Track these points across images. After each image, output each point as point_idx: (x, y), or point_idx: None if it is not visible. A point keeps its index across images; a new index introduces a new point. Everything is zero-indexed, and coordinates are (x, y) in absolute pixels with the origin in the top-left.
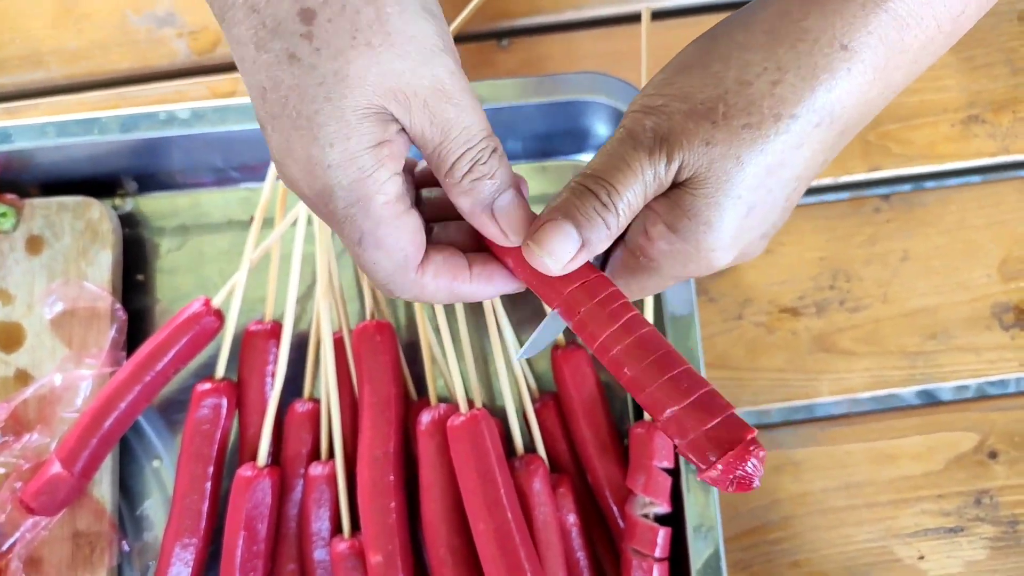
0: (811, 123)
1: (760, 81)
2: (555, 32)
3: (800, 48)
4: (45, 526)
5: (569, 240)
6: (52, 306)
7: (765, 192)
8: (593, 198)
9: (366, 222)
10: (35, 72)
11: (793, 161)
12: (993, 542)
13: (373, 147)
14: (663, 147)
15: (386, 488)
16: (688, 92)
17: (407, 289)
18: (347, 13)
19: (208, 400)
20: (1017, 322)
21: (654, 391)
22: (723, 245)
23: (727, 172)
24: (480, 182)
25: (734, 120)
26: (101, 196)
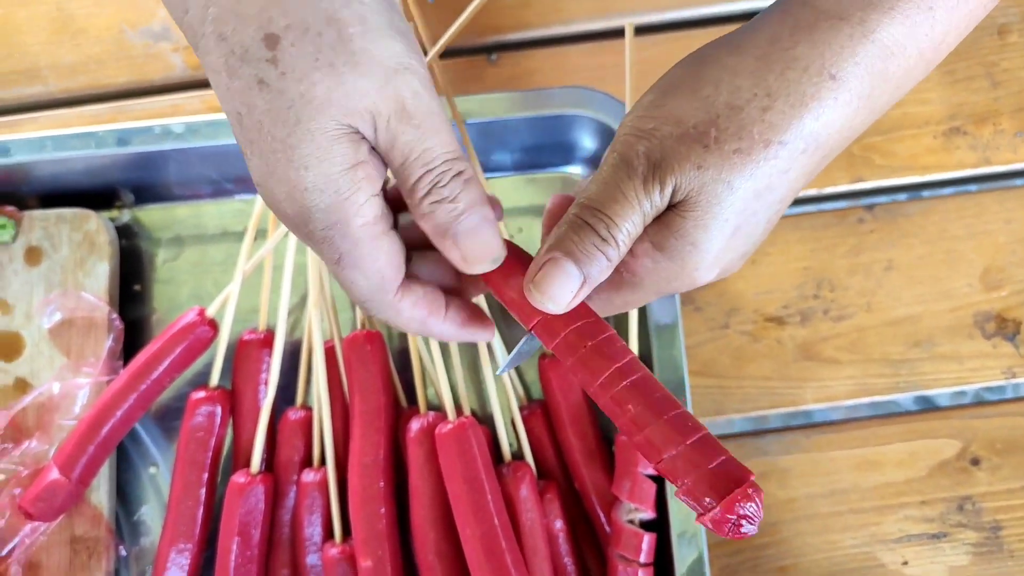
0: (798, 149)
1: (751, 107)
2: (543, 47)
3: (790, 76)
4: (44, 531)
5: (571, 279)
6: (50, 316)
7: (751, 214)
8: (592, 233)
9: (344, 243)
10: (33, 86)
11: (779, 185)
12: (976, 548)
13: (348, 169)
14: (657, 173)
15: (376, 494)
16: (679, 116)
17: (383, 310)
18: (309, 36)
19: (202, 408)
20: (999, 331)
21: (652, 433)
22: (707, 265)
23: (717, 196)
24: (440, 205)
25: (725, 145)
26: (98, 208)
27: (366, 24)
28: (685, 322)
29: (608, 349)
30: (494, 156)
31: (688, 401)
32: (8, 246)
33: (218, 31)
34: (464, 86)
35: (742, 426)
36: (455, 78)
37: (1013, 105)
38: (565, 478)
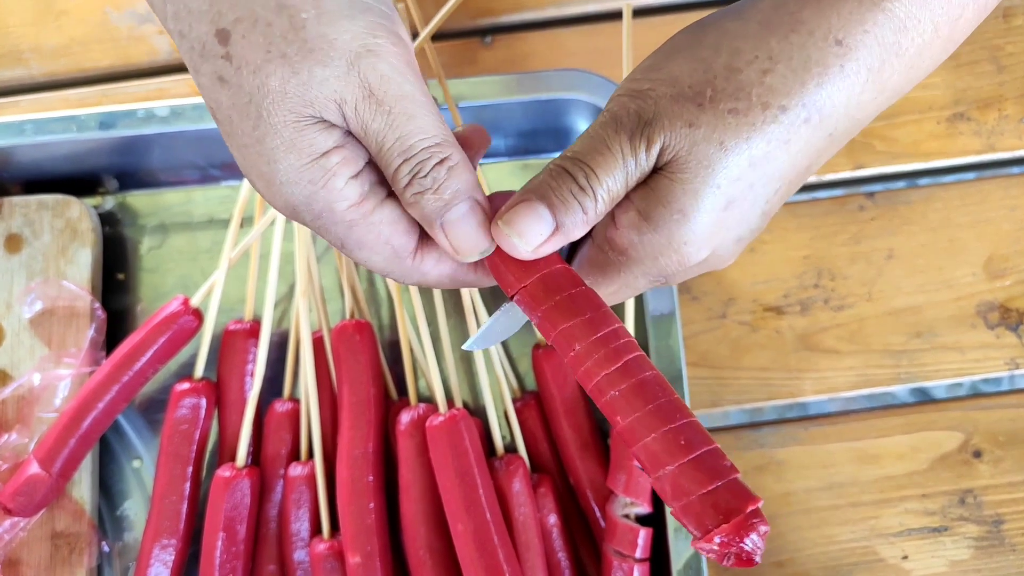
0: (800, 118)
1: (750, 69)
2: (538, 29)
3: (793, 39)
4: (23, 527)
5: (542, 222)
6: (31, 305)
7: (746, 187)
8: (570, 180)
9: (338, 228)
10: (15, 69)
11: (778, 156)
12: (977, 542)
13: (318, 158)
14: (645, 130)
15: (365, 488)
16: (676, 76)
17: (408, 277)
18: (259, 27)
19: (187, 400)
20: (1002, 321)
21: (650, 443)
22: (696, 239)
23: (708, 157)
24: (423, 196)
25: (720, 104)
26: (81, 194)
27: (320, 6)
28: (682, 312)
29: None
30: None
31: (685, 392)
32: None
33: (178, 28)
34: (458, 69)
35: (739, 418)
36: (449, 61)
37: (1018, 90)
38: (559, 471)
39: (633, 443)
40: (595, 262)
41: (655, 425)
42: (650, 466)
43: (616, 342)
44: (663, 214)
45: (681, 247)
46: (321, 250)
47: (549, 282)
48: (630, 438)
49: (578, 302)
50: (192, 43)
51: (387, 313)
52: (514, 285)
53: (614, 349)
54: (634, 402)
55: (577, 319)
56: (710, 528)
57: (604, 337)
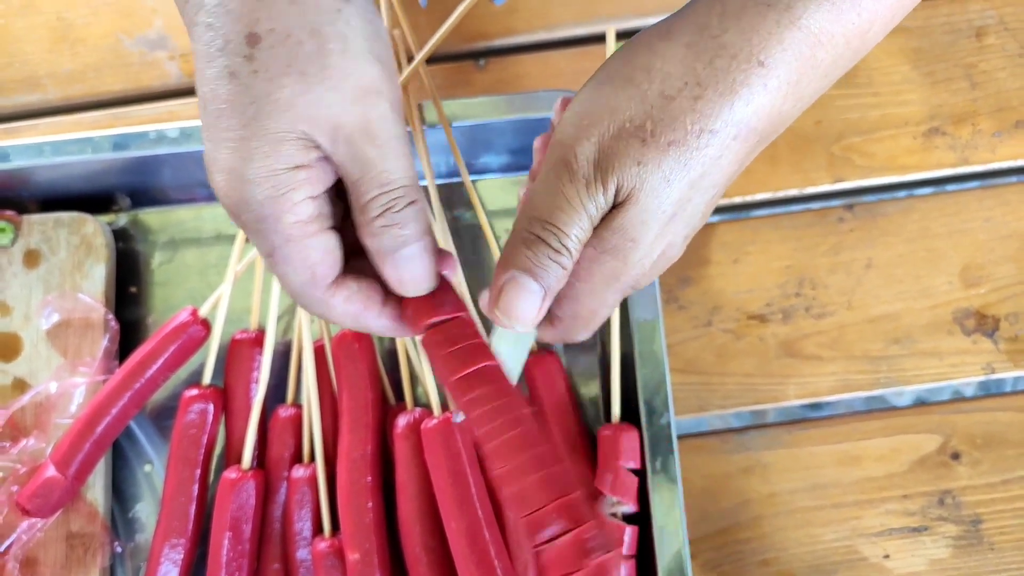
0: (729, 136)
1: (682, 96)
2: (530, 52)
3: (718, 64)
4: (40, 528)
5: (532, 295)
6: (48, 317)
7: (686, 202)
8: (545, 246)
9: (275, 237)
10: (32, 94)
11: (712, 171)
12: (956, 541)
13: (291, 168)
14: (598, 175)
15: (364, 489)
16: (615, 107)
17: (314, 306)
18: (289, 43)
19: (195, 406)
20: (979, 327)
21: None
22: (647, 254)
23: (655, 190)
24: (389, 229)
25: (661, 138)
26: (96, 212)
27: (347, 44)
28: (669, 320)
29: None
30: (480, 159)
31: (670, 398)
32: (7, 249)
33: (208, 21)
34: (452, 91)
35: (725, 422)
36: (443, 83)
37: (991, 106)
38: None
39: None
40: (566, 295)
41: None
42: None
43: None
44: (618, 243)
45: (636, 265)
46: None
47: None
48: (505, 483)
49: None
50: (217, 36)
51: None
52: (420, 328)
53: (501, 405)
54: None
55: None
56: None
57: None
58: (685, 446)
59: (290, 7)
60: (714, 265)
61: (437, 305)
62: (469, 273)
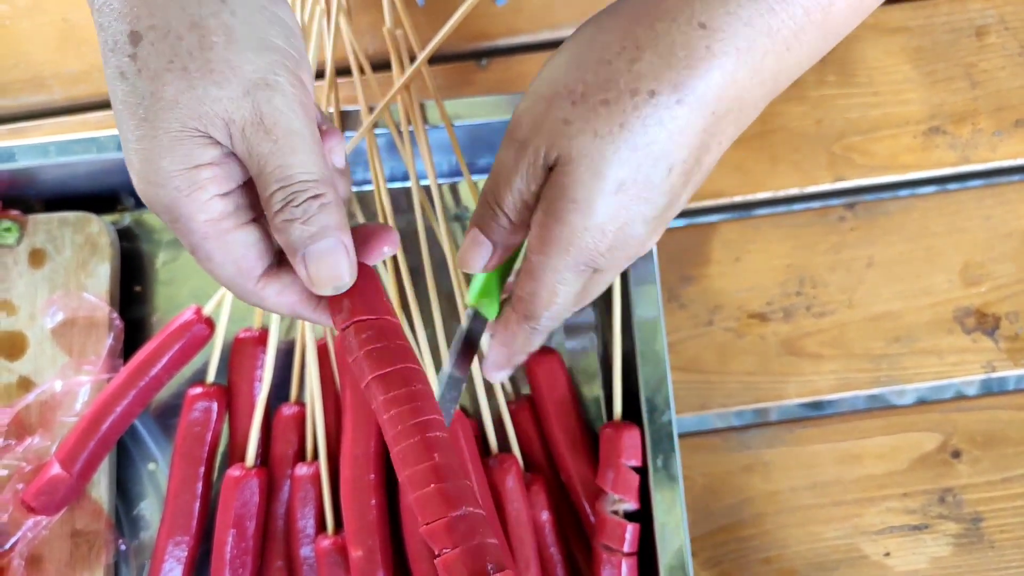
0: (672, 100)
1: (619, 60)
2: (532, 51)
3: (658, 27)
4: (45, 525)
5: (482, 246)
6: (53, 316)
7: (633, 169)
8: (486, 207)
9: (191, 237)
10: (38, 95)
11: (658, 137)
12: (957, 539)
13: (188, 169)
14: (530, 138)
15: (367, 486)
16: (554, 77)
17: (247, 297)
18: (169, 39)
19: (199, 404)
20: (979, 325)
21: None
22: (594, 224)
23: (586, 148)
24: (291, 224)
25: (591, 97)
26: (100, 211)
27: (231, 35)
28: (670, 319)
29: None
30: (482, 158)
31: (671, 396)
32: (13, 248)
33: (99, 21)
34: (455, 90)
35: (726, 421)
36: (445, 83)
37: (991, 105)
38: (552, 471)
39: (413, 491)
40: (525, 270)
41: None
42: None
43: (416, 401)
44: (561, 206)
45: (582, 233)
46: None
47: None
48: (412, 486)
49: (395, 354)
50: (107, 37)
51: None
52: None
53: (412, 408)
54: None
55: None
56: None
57: (409, 394)
58: (686, 444)
59: (170, 2)
60: (715, 264)
61: (360, 306)
62: None
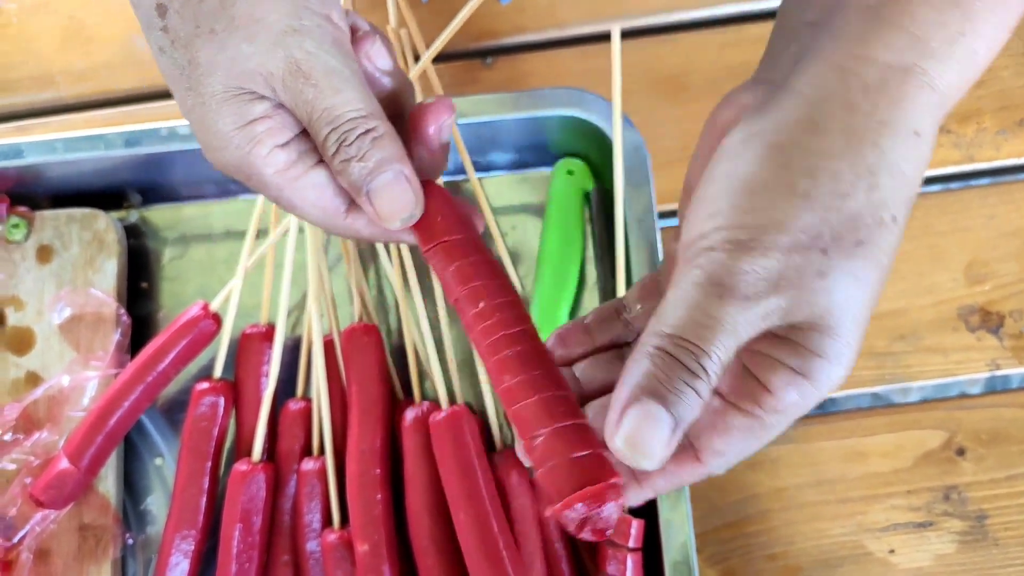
0: (906, 216)
1: (857, 191)
2: (538, 50)
3: (884, 145)
4: (53, 519)
5: (661, 426)
6: (61, 312)
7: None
8: (679, 367)
9: (269, 191)
10: (45, 92)
11: (892, 259)
12: (961, 536)
13: (242, 127)
14: (767, 294)
15: (373, 481)
16: (780, 220)
17: (344, 235)
18: (191, 4)
19: (206, 399)
20: (983, 324)
21: (525, 407)
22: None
23: (849, 298)
24: (348, 164)
25: (843, 242)
26: (108, 208)
27: None
28: None
29: (503, 313)
30: (488, 156)
31: None
32: (21, 245)
33: (133, 2)
34: (460, 89)
35: None
36: (451, 81)
37: (995, 104)
38: None
39: (510, 405)
40: (735, 426)
41: (533, 391)
42: (523, 429)
43: (516, 310)
44: (821, 367)
45: (826, 384)
46: (333, 260)
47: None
48: (508, 399)
49: (484, 268)
50: (141, 15)
51: (394, 319)
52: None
53: (513, 316)
54: (519, 367)
55: (482, 281)
56: (567, 492)
57: (507, 303)
58: None
59: None
60: None
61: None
62: None
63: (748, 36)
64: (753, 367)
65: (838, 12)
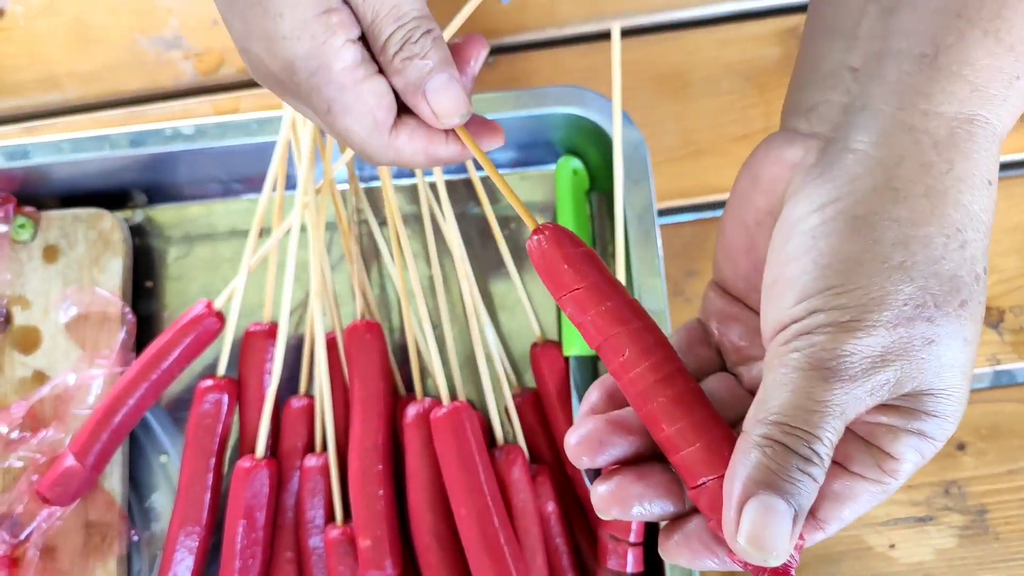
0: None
1: (950, 252)
2: (539, 49)
3: (964, 201)
4: (60, 516)
5: (783, 519)
6: (67, 311)
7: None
8: (791, 454)
9: (330, 89)
10: (51, 93)
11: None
12: (961, 531)
13: (321, 14)
14: (873, 372)
15: (375, 477)
16: (881, 296)
17: (383, 153)
18: None
19: (210, 396)
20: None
21: (689, 455)
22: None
23: (957, 358)
24: (411, 61)
25: (947, 306)
26: (113, 208)
27: None
28: (675, 313)
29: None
30: (489, 154)
31: None
32: (27, 244)
33: None
34: None
35: None
36: None
37: None
38: (557, 463)
39: (673, 453)
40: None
41: (695, 438)
42: (688, 477)
43: (661, 352)
44: (939, 425)
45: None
46: (336, 260)
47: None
48: (670, 449)
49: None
50: None
51: (396, 317)
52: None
53: (659, 359)
54: (676, 415)
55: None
56: None
57: (649, 347)
58: None
59: None
60: None
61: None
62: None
63: (747, 34)
64: (870, 437)
65: (888, 60)
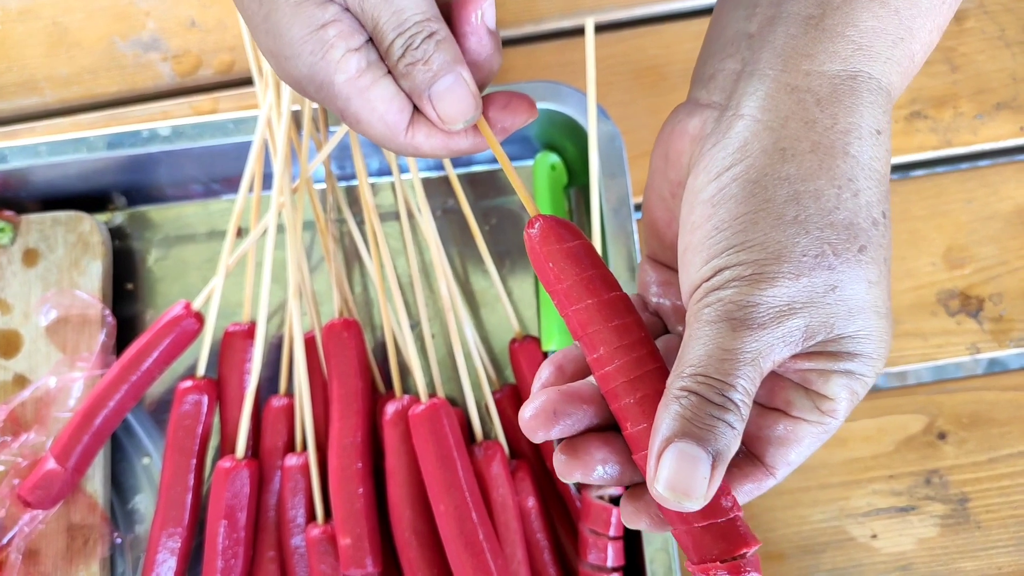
0: (889, 209)
1: (843, 202)
2: (516, 45)
3: (852, 151)
4: (42, 520)
5: (700, 464)
6: (47, 314)
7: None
8: (704, 402)
9: (337, 102)
10: (30, 97)
11: (890, 251)
12: (943, 520)
13: (315, 31)
14: (783, 320)
15: (354, 475)
16: (777, 250)
17: (403, 151)
18: None
19: (190, 397)
20: (962, 308)
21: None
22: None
23: (866, 299)
24: (414, 67)
25: (847, 253)
26: (92, 211)
27: None
28: None
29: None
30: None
31: None
32: (7, 248)
33: None
34: None
35: None
36: None
37: (972, 88)
38: (537, 458)
39: (636, 451)
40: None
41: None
42: (635, 447)
43: (636, 352)
44: (864, 362)
45: (881, 370)
46: (316, 260)
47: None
48: (634, 446)
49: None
50: None
51: (378, 315)
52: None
53: (633, 360)
54: (640, 415)
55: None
56: (707, 559)
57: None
58: None
59: None
60: None
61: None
62: (456, 260)
63: None
64: (805, 382)
65: (779, 24)
